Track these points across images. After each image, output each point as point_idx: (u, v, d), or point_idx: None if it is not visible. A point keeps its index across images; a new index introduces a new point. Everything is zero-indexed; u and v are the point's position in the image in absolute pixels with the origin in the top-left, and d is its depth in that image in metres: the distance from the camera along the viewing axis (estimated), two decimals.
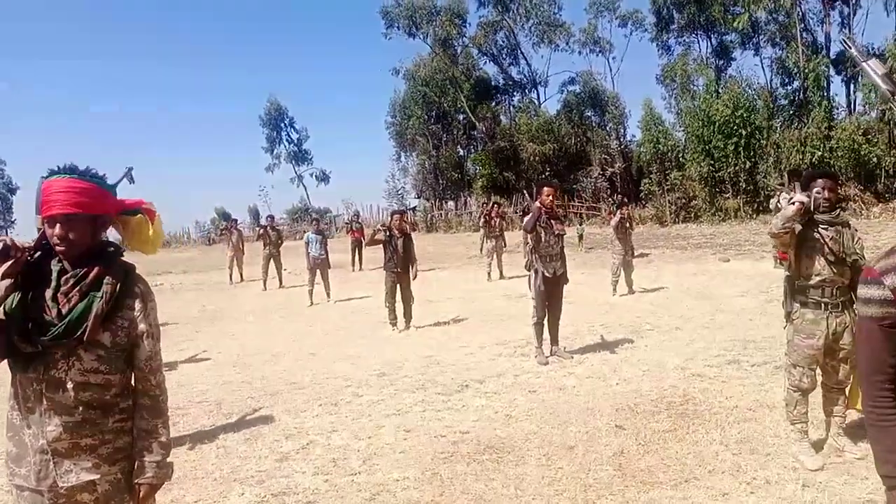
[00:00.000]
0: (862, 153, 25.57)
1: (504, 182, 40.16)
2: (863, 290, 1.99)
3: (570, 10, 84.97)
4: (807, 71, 27.49)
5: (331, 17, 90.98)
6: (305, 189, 49.96)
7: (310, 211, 47.36)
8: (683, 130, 31.48)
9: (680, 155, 31.34)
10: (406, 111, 44.03)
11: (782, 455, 4.28)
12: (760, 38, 33.08)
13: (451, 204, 42.88)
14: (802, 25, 29.91)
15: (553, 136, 37.96)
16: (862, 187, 26.34)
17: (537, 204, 6.89)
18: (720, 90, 29.02)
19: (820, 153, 26.10)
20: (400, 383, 6.43)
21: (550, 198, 6.81)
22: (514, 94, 43.66)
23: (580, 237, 22.44)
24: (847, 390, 4.28)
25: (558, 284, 6.95)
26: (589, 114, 40.30)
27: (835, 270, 4.00)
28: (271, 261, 15.62)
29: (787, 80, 31.35)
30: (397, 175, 46.21)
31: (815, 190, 4.05)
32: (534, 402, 5.67)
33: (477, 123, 42.02)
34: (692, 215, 29.88)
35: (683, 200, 30.97)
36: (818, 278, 4.03)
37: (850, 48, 2.12)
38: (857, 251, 4.08)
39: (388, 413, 5.53)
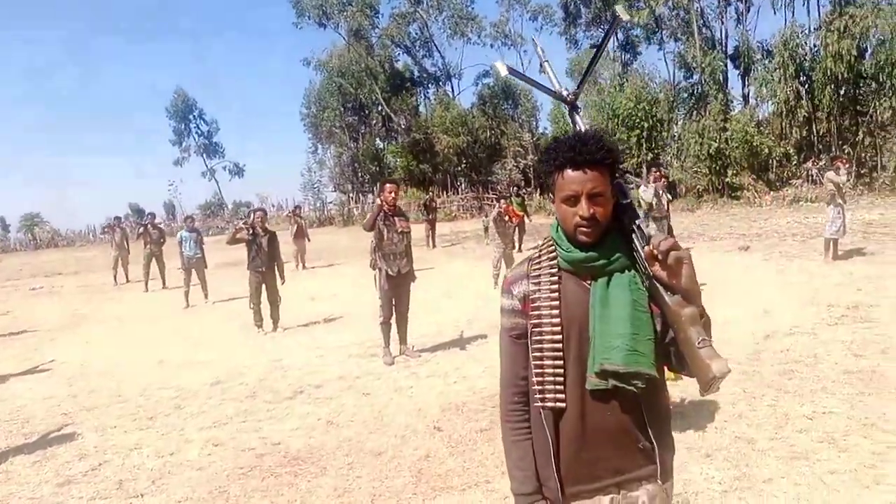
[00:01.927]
0: (754, 144, 26.64)
1: (421, 174, 40.08)
2: (501, 301, 1.91)
3: (482, 4, 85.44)
4: (704, 65, 28.43)
5: (239, 5, 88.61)
6: (217, 183, 48.53)
7: (225, 205, 46.07)
8: (590, 123, 32.04)
9: None
10: (321, 102, 43.24)
11: None
12: (663, 33, 34.02)
13: (370, 197, 42.45)
14: (701, 21, 30.90)
15: (467, 129, 38.03)
16: (755, 176, 27.48)
17: (378, 201, 6.73)
18: (624, 84, 29.69)
19: (717, 144, 27.03)
20: (232, 392, 6.16)
21: (392, 195, 6.65)
22: (430, 86, 43.52)
23: (485, 229, 22.56)
24: None
25: (404, 283, 6.82)
26: (503, 107, 40.55)
27: None
28: (153, 260, 14.94)
29: (687, 74, 32.37)
30: (314, 168, 45.36)
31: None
32: (363, 407, 5.52)
33: (393, 116, 41.71)
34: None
35: None
36: None
37: (537, 48, 2.07)
38: None
39: (204, 426, 5.26)
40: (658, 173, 9.31)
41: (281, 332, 9.11)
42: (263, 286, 9.09)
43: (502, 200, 12.08)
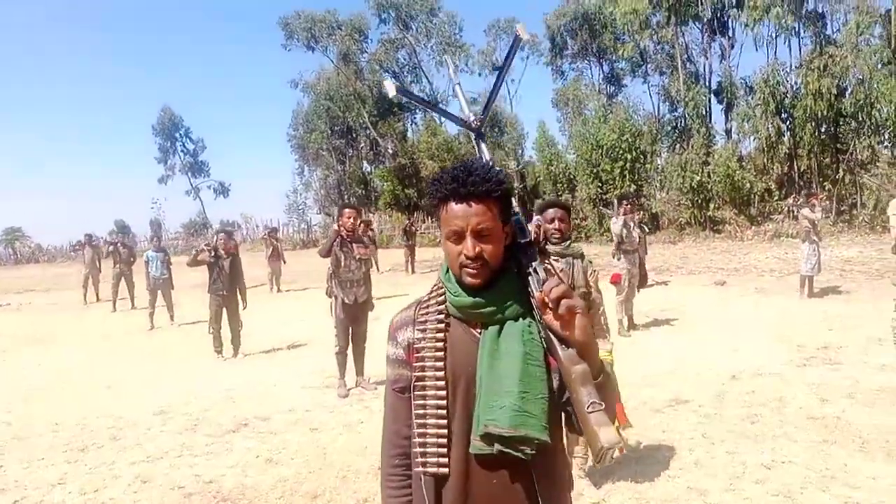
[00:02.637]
0: (736, 178, 26.73)
1: (406, 199, 39.98)
2: (386, 349, 1.72)
3: (469, 32, 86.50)
4: (687, 99, 28.64)
5: (229, 26, 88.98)
6: (202, 202, 48.19)
7: (209, 225, 45.67)
8: (574, 153, 32.14)
9: (571, 176, 31.99)
10: (309, 124, 43.23)
11: None
12: (648, 66, 34.35)
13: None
14: (686, 56, 31.22)
15: (453, 155, 38.04)
16: (736, 211, 27.56)
17: (335, 227, 6.54)
18: (608, 116, 29.84)
19: (699, 177, 27.12)
20: (173, 423, 5.87)
21: (351, 220, 6.46)
22: (417, 111, 43.62)
23: None
24: None
25: (361, 312, 6.60)
26: (490, 134, 40.64)
27: None
28: (122, 280, 14.61)
29: (672, 108, 32.63)
30: (300, 189, 45.16)
31: (535, 221, 3.86)
32: (307, 444, 5.25)
33: (380, 140, 41.72)
34: (583, 235, 30.47)
35: (575, 221, 31.63)
36: None
37: (449, 69, 1.91)
38: (591, 284, 3.92)
39: (136, 460, 4.97)
40: (628, 205, 9.17)
41: (241, 359, 8.84)
42: (224, 310, 8.83)
43: None
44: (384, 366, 1.67)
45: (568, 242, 3.92)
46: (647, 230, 13.62)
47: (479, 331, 1.53)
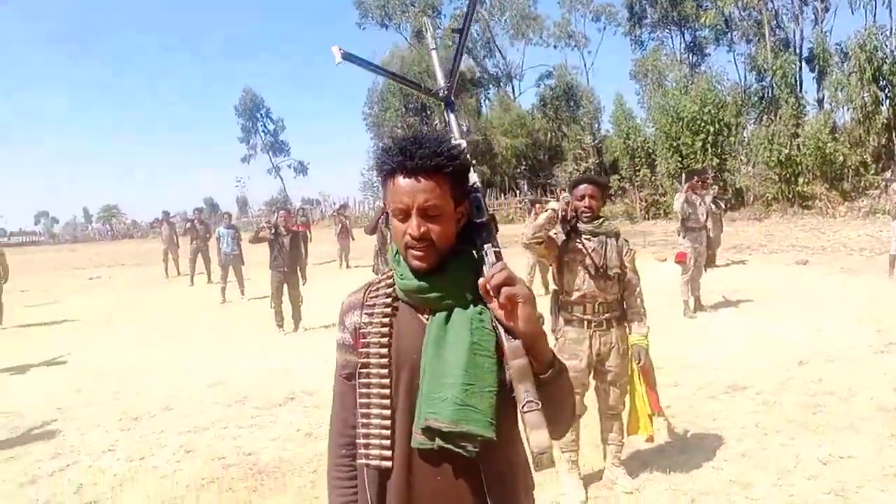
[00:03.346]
0: (828, 151, 25.11)
1: (480, 176, 39.63)
2: (336, 333, 1.64)
3: (544, 4, 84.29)
4: (775, 68, 27.03)
5: (305, 7, 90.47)
6: (282, 181, 49.57)
7: (290, 202, 46.95)
8: (654, 126, 31.00)
9: (650, 151, 30.91)
10: (384, 102, 43.53)
11: (555, 485, 3.92)
12: (733, 34, 32.60)
13: None
14: (775, 22, 29.46)
15: (526, 131, 37.51)
16: (828, 186, 25.93)
17: (382, 204, 6.50)
18: (689, 87, 28.56)
19: (787, 150, 25.63)
20: (224, 395, 6.03)
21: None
22: (490, 87, 43.15)
23: None
24: (625, 416, 3.91)
25: None
26: (564, 108, 39.77)
27: (596, 285, 3.62)
28: (199, 255, 15.19)
29: (758, 77, 30.89)
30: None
31: (564, 198, 3.67)
32: None
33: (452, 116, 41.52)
34: (661, 212, 29.47)
35: (654, 197, 30.60)
36: (578, 293, 3.65)
37: (427, 32, 1.81)
38: (626, 264, 3.71)
39: (183, 430, 5.13)
40: (698, 181, 8.70)
41: (301, 333, 9.02)
42: (285, 286, 9.01)
43: (537, 205, 11.65)
44: None
45: (601, 220, 3.71)
46: (724, 207, 12.93)
47: (427, 317, 1.43)
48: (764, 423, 4.61)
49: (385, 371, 1.44)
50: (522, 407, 1.23)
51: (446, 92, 1.68)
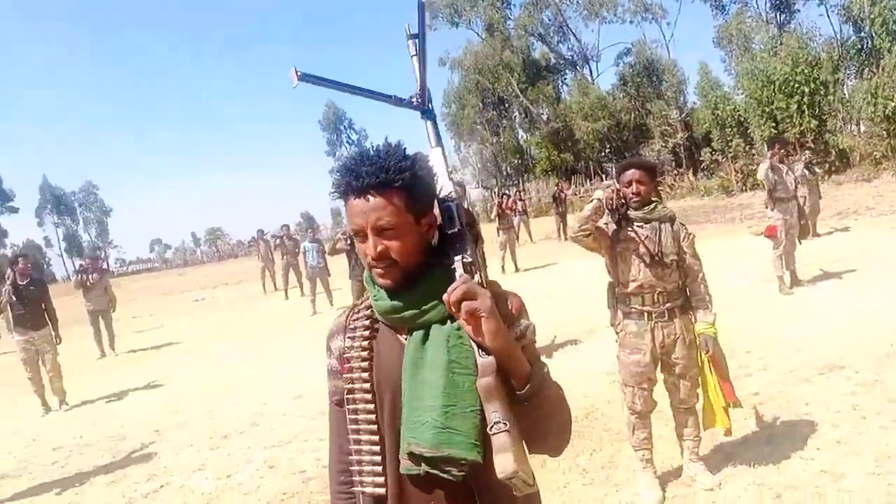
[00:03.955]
0: None
1: (562, 163, 39.19)
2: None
3: None
4: (873, 16, 25.00)
5: (370, 12, 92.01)
6: None
7: None
8: (743, 93, 29.42)
9: (742, 119, 29.36)
10: (461, 100, 43.69)
11: (630, 485, 3.76)
12: None
13: (513, 191, 42.23)
14: None
15: (607, 112, 36.55)
16: None
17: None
18: (778, 47, 26.91)
19: (894, 103, 23.68)
20: (307, 407, 6.19)
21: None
22: (567, 72, 42.32)
23: None
24: (700, 409, 3.70)
25: None
26: (646, 85, 38.43)
27: (652, 274, 3.44)
28: (290, 270, 15.74)
29: (856, 28, 28.66)
30: (457, 166, 45.90)
31: (606, 185, 3.50)
32: None
33: (530, 106, 41.11)
34: (760, 183, 27.96)
35: (750, 167, 29.07)
36: (635, 284, 3.48)
37: (407, 37, 1.74)
38: (684, 249, 3.50)
39: (268, 445, 5.31)
40: (779, 148, 8.13)
41: None
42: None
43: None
44: None
45: (653, 205, 3.52)
46: (820, 172, 12.11)
47: (405, 337, 1.39)
48: (862, 406, 4.25)
49: (369, 396, 1.42)
50: (490, 428, 1.18)
51: (419, 101, 1.62)
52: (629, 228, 3.48)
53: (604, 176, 38.07)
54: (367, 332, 1.45)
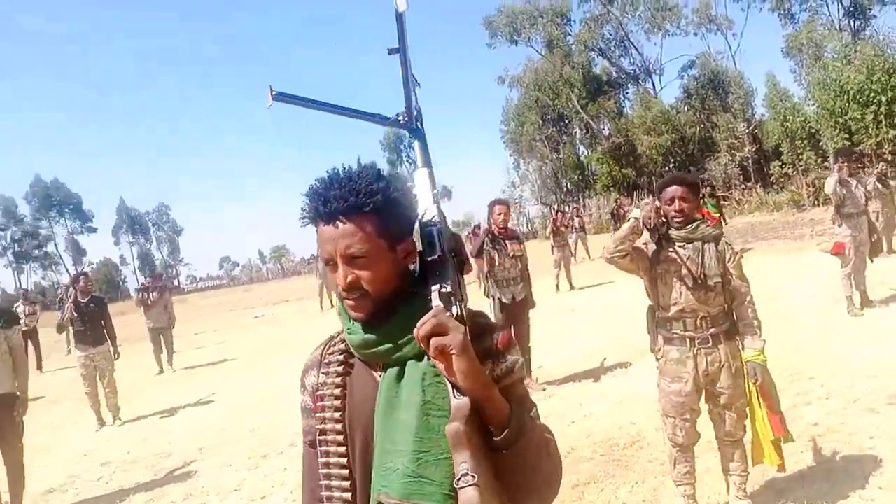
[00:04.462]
0: None
1: (624, 179, 38.45)
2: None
3: None
4: None
5: (436, 35, 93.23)
6: None
7: (455, 225, 48.06)
8: (815, 104, 28.24)
9: (813, 131, 28.17)
10: (520, 117, 43.54)
11: None
12: None
13: (570, 206, 41.72)
14: None
15: (670, 126, 35.71)
16: None
17: (485, 225, 6.35)
18: (851, 56, 25.76)
19: None
20: None
21: (502, 216, 6.22)
22: (629, 86, 41.62)
23: None
24: (749, 442, 3.43)
25: (521, 311, 6.33)
26: (712, 98, 37.38)
27: (695, 297, 3.22)
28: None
29: None
30: (516, 182, 45.75)
31: (644, 203, 3.31)
32: None
33: (591, 122, 40.61)
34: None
35: (823, 181, 27.83)
36: (676, 308, 3.27)
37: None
38: (730, 271, 3.27)
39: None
40: (844, 162, 7.66)
41: None
42: None
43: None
44: (550, 366, 1.45)
45: (695, 224, 3.30)
46: (887, 188, 11.42)
47: (380, 374, 1.27)
48: None
49: (341, 438, 1.32)
50: (456, 482, 1.04)
51: (406, 118, 1.48)
52: (670, 249, 3.28)
53: None
54: (340, 368, 1.34)
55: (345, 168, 1.27)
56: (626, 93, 41.84)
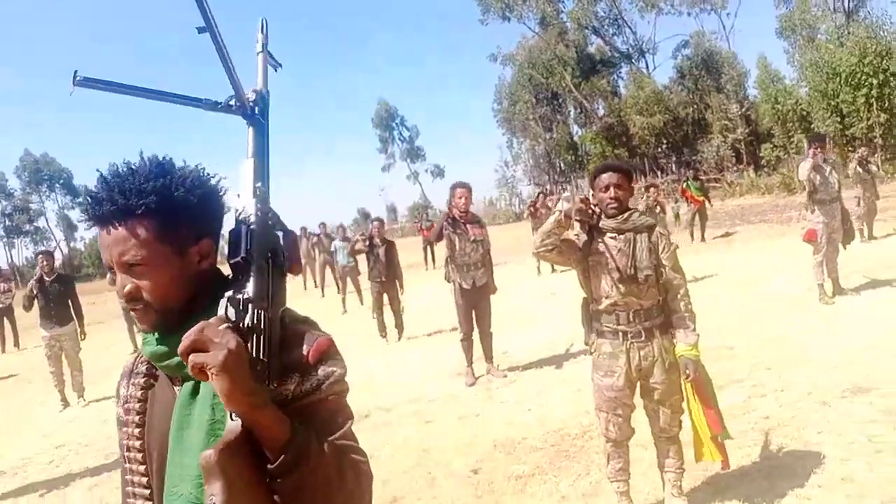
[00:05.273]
0: None
1: (616, 160, 38.24)
2: None
3: None
4: None
5: (426, 11, 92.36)
6: (421, 185, 50.67)
7: (430, 206, 47.93)
8: (807, 86, 28.06)
9: (804, 113, 28.02)
10: (513, 96, 43.21)
11: None
12: None
13: (567, 189, 41.46)
14: None
15: (663, 107, 35.49)
16: None
17: (446, 210, 6.22)
18: (844, 37, 25.54)
19: None
20: None
21: (463, 199, 6.08)
22: (622, 65, 41.29)
23: (676, 217, 20.65)
24: (689, 439, 3.35)
25: (482, 296, 6.23)
26: (705, 78, 37.09)
27: (624, 290, 3.11)
28: (327, 267, 15.74)
29: None
30: (509, 162, 45.51)
31: (566, 195, 3.19)
32: (412, 438, 5.08)
33: (585, 102, 40.31)
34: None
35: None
36: (608, 301, 3.16)
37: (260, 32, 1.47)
38: (663, 262, 3.16)
39: None
40: (818, 147, 7.51)
41: (405, 342, 8.98)
42: (384, 295, 8.99)
43: (652, 189, 10.78)
44: (515, 351, 1.33)
45: (627, 214, 3.19)
46: (876, 170, 11.31)
47: (180, 388, 1.17)
48: (880, 437, 3.80)
49: (141, 456, 1.22)
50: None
51: (238, 102, 1.32)
52: (600, 240, 3.17)
53: (659, 172, 37.06)
54: (143, 381, 1.24)
55: (125, 164, 1.15)
56: (620, 72, 41.55)
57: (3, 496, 4.99)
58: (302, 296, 17.22)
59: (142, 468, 1.21)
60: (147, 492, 1.20)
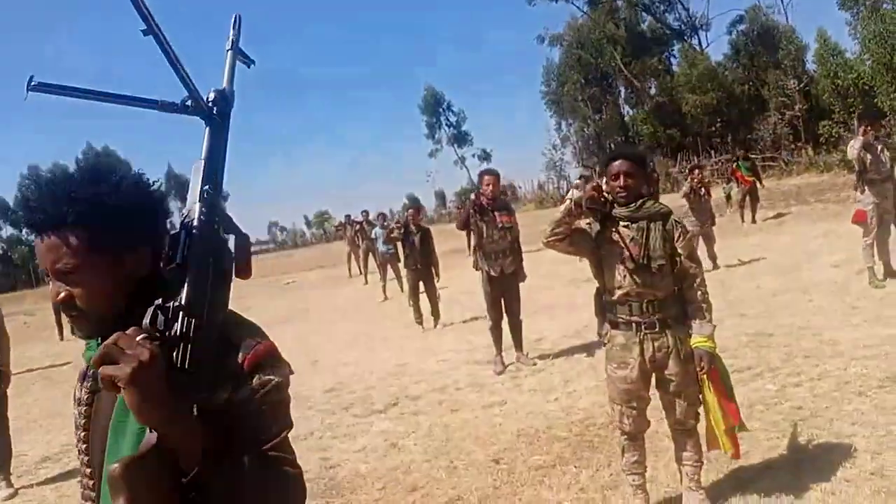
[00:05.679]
0: None
1: (669, 140, 37.32)
2: None
3: None
4: None
5: None
6: (468, 170, 50.43)
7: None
8: (871, 59, 26.70)
9: (867, 88, 26.71)
10: (561, 77, 42.44)
11: None
12: None
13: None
14: None
15: (717, 84, 34.31)
16: None
17: (472, 197, 6.16)
18: None
19: None
20: (336, 401, 6.12)
21: (490, 186, 6.01)
22: (674, 43, 40.04)
23: (727, 198, 20.02)
24: (703, 430, 3.25)
25: (511, 284, 6.16)
26: (762, 54, 35.67)
27: (638, 280, 3.02)
28: (370, 255, 15.88)
29: None
30: (558, 145, 44.85)
31: (577, 183, 3.10)
32: (437, 426, 5.07)
33: (635, 81, 39.35)
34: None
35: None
36: (621, 292, 3.08)
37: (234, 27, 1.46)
38: (678, 251, 3.05)
39: None
40: (868, 126, 7.14)
41: (440, 329, 9.00)
42: (420, 283, 9.01)
43: (696, 171, 10.46)
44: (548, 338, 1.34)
45: (640, 202, 3.08)
46: None
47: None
48: None
49: (87, 459, 1.24)
50: None
51: (194, 103, 1.27)
52: (613, 229, 3.08)
53: (712, 152, 35.93)
54: (91, 384, 1.26)
55: (59, 169, 1.16)
56: (672, 50, 40.29)
57: (47, 481, 5.21)
58: (345, 283, 17.49)
59: (88, 471, 1.23)
60: (94, 494, 1.22)
